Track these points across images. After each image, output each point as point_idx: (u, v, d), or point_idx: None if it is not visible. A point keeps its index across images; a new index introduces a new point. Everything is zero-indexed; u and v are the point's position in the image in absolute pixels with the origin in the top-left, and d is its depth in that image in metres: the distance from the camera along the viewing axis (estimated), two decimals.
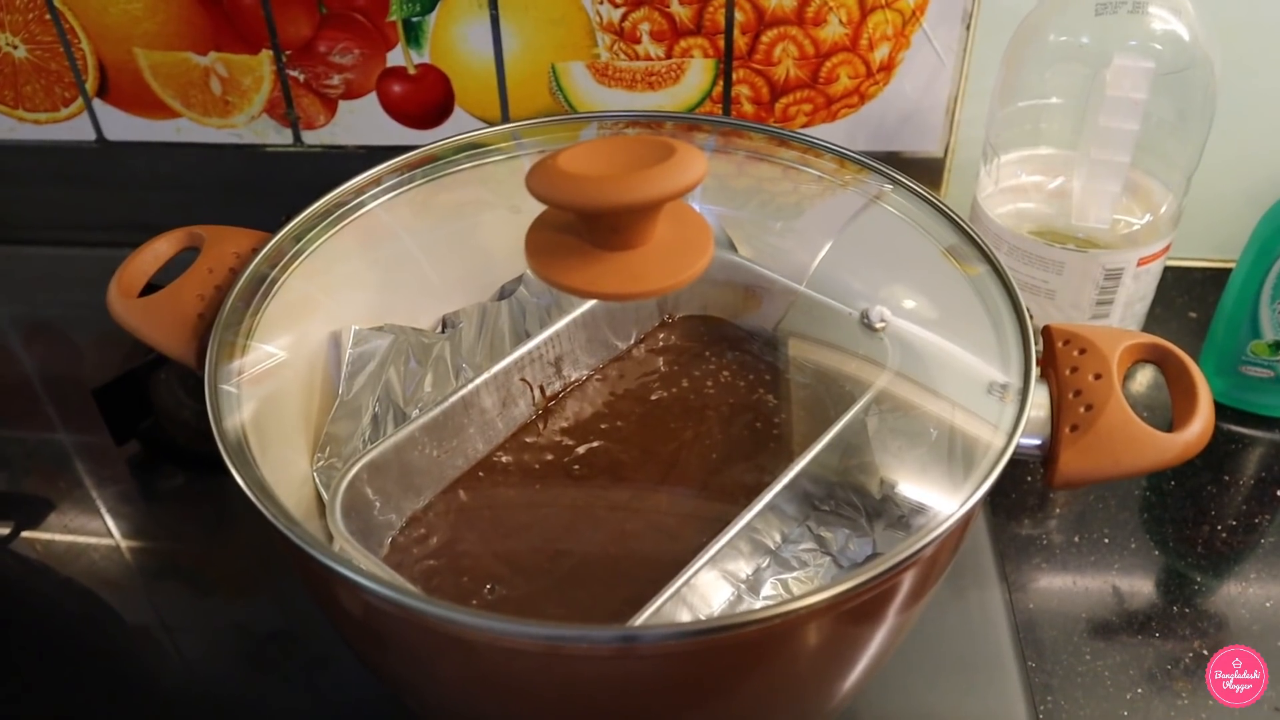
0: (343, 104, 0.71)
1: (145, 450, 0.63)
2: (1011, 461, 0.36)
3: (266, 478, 0.36)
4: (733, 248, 0.51)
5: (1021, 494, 0.59)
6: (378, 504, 0.42)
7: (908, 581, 0.35)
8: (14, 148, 0.76)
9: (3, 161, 0.77)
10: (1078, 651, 0.51)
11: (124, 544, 0.58)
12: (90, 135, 0.75)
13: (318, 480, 0.43)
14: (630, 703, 0.35)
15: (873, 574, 0.32)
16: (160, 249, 0.44)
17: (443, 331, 0.48)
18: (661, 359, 0.50)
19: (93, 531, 0.58)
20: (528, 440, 0.46)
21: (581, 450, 0.46)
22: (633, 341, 0.51)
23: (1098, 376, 0.37)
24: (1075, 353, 0.39)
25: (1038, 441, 0.38)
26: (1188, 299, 0.71)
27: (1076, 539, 0.56)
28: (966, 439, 0.41)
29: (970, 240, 0.43)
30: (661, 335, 0.51)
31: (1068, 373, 0.38)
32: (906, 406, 0.44)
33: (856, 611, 0.35)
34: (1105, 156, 0.56)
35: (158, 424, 0.63)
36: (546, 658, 0.31)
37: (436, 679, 0.36)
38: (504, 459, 0.45)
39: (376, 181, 0.48)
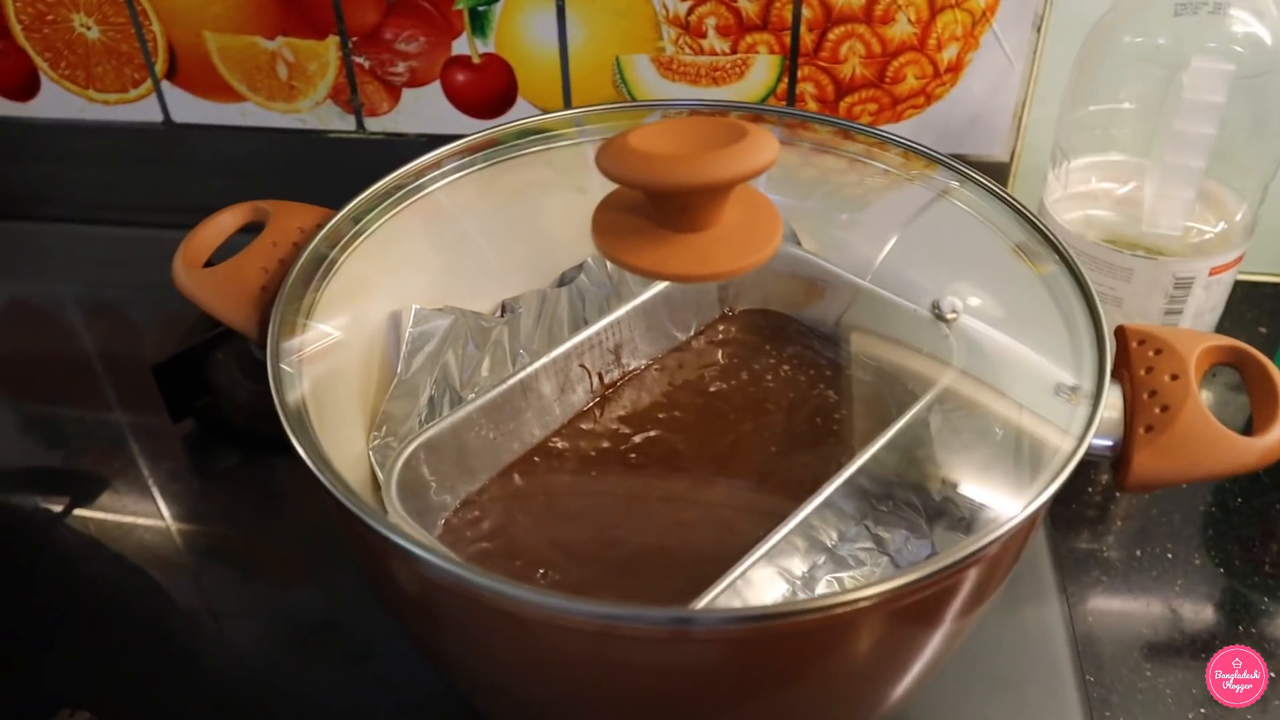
0: (406, 92, 0.71)
1: (201, 429, 0.63)
2: (1079, 467, 0.35)
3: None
4: (796, 241, 0.50)
5: (1082, 506, 0.58)
6: (433, 485, 0.42)
7: (969, 581, 0.35)
8: (82, 128, 0.77)
9: (71, 141, 0.78)
10: (1138, 668, 0.50)
11: (174, 526, 0.58)
12: (158, 117, 0.76)
13: (373, 459, 0.42)
14: (679, 691, 0.35)
15: (935, 569, 0.31)
16: (225, 222, 0.44)
17: (501, 316, 0.48)
18: (721, 351, 0.49)
19: (144, 511, 0.59)
20: (584, 427, 0.46)
21: (638, 439, 0.45)
22: (692, 333, 0.50)
23: (1174, 377, 0.36)
24: (1150, 353, 0.37)
25: (1109, 443, 0.37)
26: (1258, 313, 0.69)
27: (1138, 554, 0.55)
28: (1033, 441, 0.40)
29: (1042, 237, 0.42)
30: (721, 327, 0.50)
31: (1142, 373, 0.37)
32: (971, 406, 0.43)
33: (914, 609, 0.34)
34: (1180, 161, 0.54)
35: (214, 404, 0.63)
36: (599, 638, 0.31)
37: (488, 658, 0.36)
38: (560, 445, 0.45)
39: (437, 165, 0.48)
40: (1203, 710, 0.48)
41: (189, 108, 0.75)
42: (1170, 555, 0.55)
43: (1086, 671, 0.49)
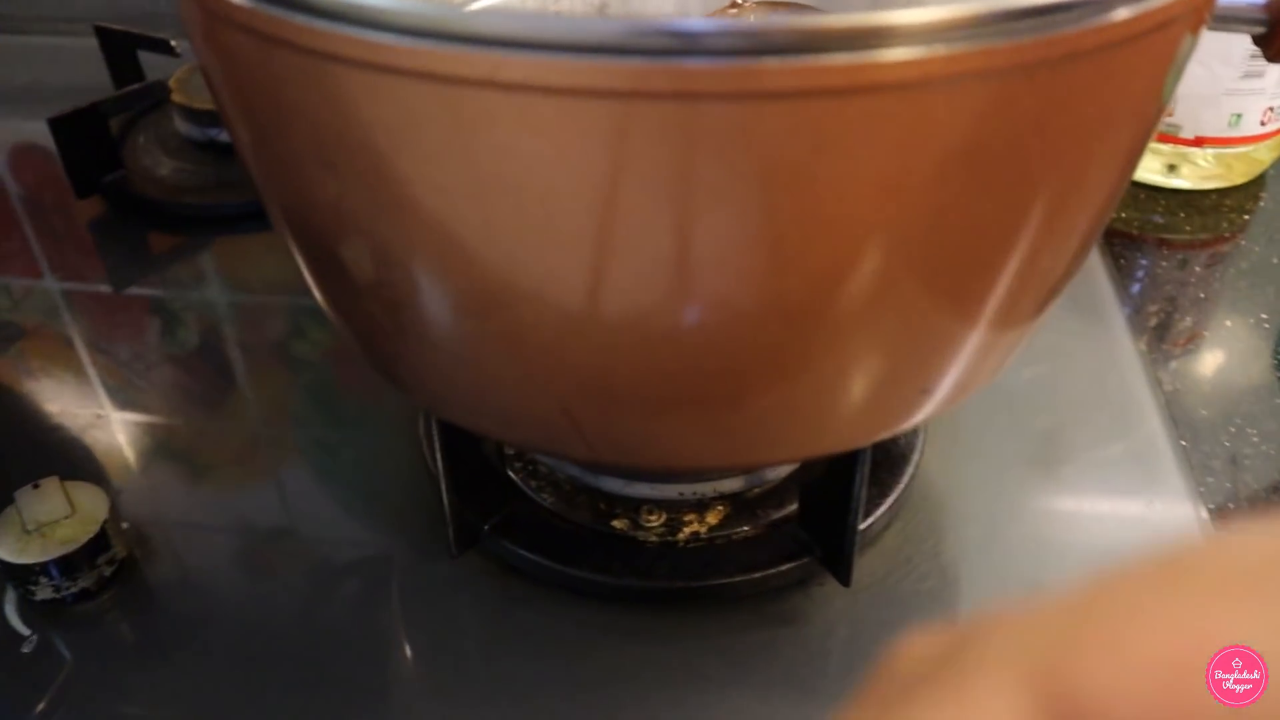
0: None
1: (111, 210, 0.53)
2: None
3: None
4: None
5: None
6: None
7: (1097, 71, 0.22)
8: None
9: None
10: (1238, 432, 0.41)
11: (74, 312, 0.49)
12: None
13: None
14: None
15: None
16: None
17: None
18: None
19: (42, 295, 0.49)
20: None
21: None
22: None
23: None
24: None
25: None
26: None
27: (1227, 324, 0.46)
28: None
29: None
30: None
31: None
32: None
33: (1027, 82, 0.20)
34: None
35: (127, 179, 0.53)
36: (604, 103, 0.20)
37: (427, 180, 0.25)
38: None
39: None
40: None
41: None
42: (1267, 325, 0.46)
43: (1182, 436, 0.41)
